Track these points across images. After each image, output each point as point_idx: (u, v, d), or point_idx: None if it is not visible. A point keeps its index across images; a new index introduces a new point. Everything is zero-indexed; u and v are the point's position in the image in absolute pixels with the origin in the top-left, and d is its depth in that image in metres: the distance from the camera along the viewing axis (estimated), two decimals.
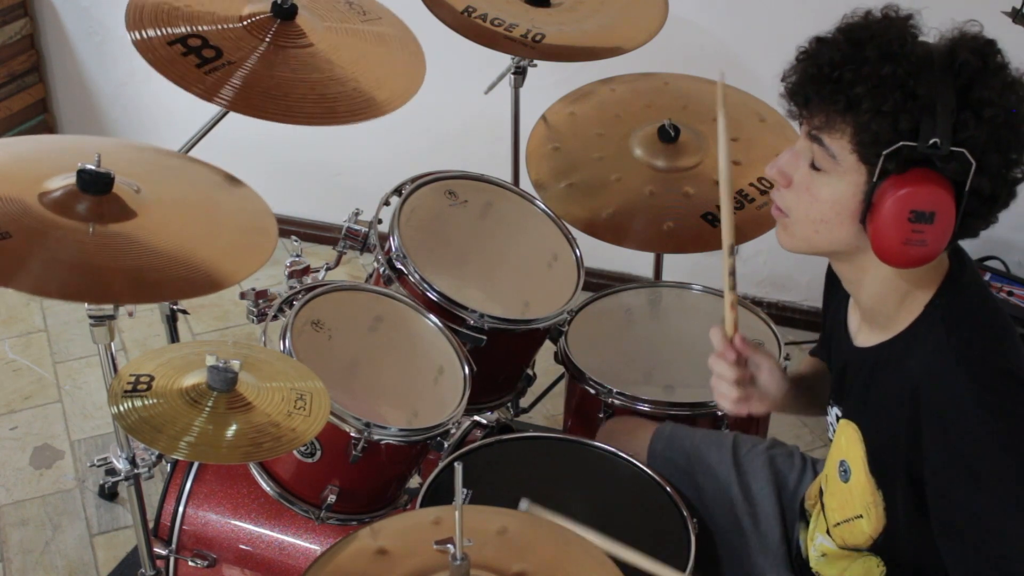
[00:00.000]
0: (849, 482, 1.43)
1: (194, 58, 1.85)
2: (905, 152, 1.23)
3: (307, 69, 1.93)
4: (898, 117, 1.22)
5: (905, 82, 1.22)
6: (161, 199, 1.66)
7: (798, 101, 1.31)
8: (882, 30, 1.26)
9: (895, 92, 1.22)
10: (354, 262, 3.20)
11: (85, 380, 2.91)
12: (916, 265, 1.27)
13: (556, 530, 1.34)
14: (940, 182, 1.23)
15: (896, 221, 1.24)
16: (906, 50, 1.24)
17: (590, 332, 2.16)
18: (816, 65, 1.28)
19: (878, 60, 1.23)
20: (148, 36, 1.85)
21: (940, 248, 1.26)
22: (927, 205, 1.23)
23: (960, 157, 1.22)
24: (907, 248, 1.25)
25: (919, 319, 1.33)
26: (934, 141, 1.21)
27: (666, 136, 2.20)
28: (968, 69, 1.23)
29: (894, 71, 1.22)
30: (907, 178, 1.23)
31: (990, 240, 2.84)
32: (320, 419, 1.53)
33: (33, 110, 3.57)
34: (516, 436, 1.83)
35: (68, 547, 2.42)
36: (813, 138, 1.31)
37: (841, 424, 1.46)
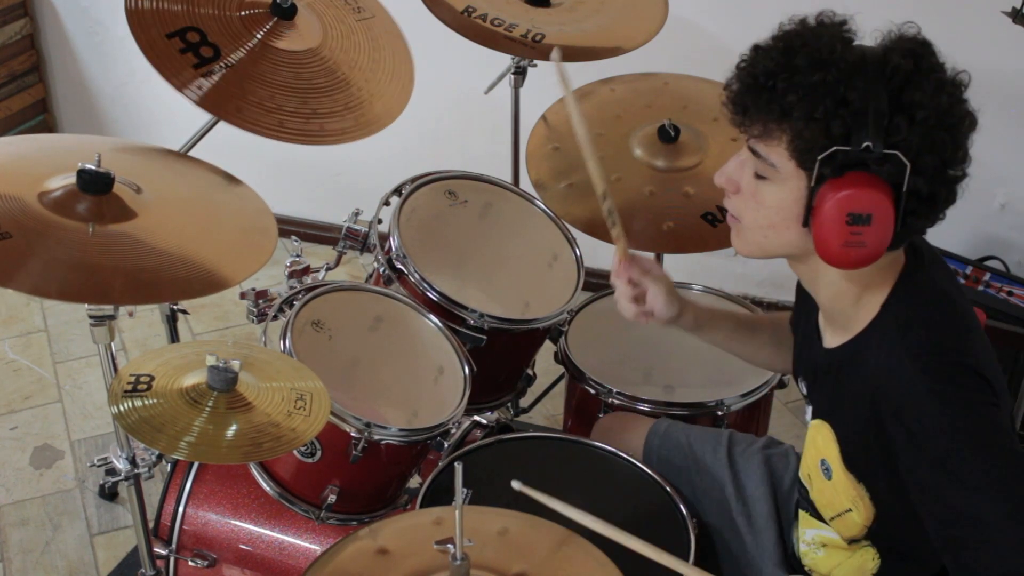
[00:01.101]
0: (832, 479, 1.45)
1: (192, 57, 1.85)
2: (840, 156, 1.25)
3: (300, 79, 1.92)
4: (830, 123, 1.24)
5: (835, 88, 1.24)
6: (161, 199, 1.66)
7: (737, 110, 1.34)
8: (814, 37, 1.28)
9: (826, 99, 1.24)
10: (354, 262, 3.21)
11: (85, 380, 2.91)
12: (858, 266, 1.30)
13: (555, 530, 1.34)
14: (876, 184, 1.25)
15: (834, 224, 1.26)
16: (835, 56, 1.26)
17: (590, 332, 2.16)
18: (752, 75, 1.31)
19: (808, 68, 1.25)
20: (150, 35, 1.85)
21: (880, 249, 1.28)
22: (863, 208, 1.25)
23: (894, 159, 1.24)
24: (847, 250, 1.27)
25: (875, 319, 1.36)
26: (866, 145, 1.23)
27: (666, 136, 2.20)
28: (900, 72, 1.25)
29: (824, 78, 1.25)
30: (843, 182, 1.26)
31: (990, 240, 2.85)
32: (320, 419, 1.53)
33: (33, 110, 3.57)
34: (516, 436, 1.83)
35: (68, 547, 2.42)
36: (752, 151, 1.34)
37: (815, 424, 1.48)
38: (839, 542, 1.50)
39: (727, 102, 1.35)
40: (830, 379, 1.44)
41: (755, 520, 1.70)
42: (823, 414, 1.46)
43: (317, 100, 1.92)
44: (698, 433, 1.84)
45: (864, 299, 1.37)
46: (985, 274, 2.62)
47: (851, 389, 1.38)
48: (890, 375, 1.30)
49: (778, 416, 2.54)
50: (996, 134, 2.66)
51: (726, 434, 1.82)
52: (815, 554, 1.57)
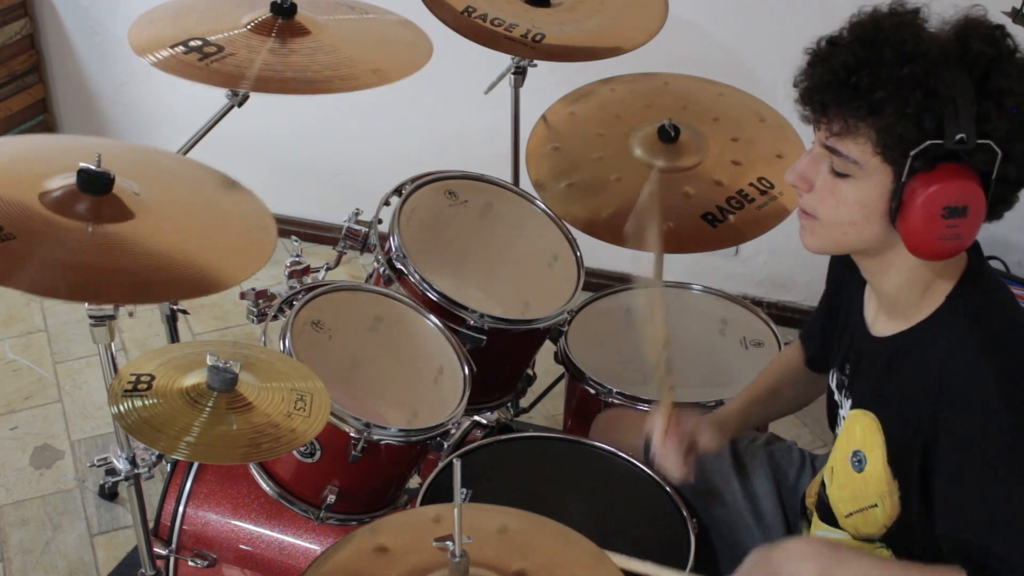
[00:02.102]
0: (864, 471, 1.42)
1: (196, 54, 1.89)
2: (932, 150, 1.22)
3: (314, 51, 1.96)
4: (922, 117, 1.21)
5: (925, 81, 1.21)
6: (160, 200, 1.65)
7: (815, 108, 1.30)
8: (894, 28, 1.24)
9: (916, 92, 1.21)
10: (354, 262, 3.21)
11: (85, 380, 2.91)
12: (950, 256, 1.28)
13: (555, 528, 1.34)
14: (969, 175, 1.23)
15: (930, 218, 1.24)
16: (921, 48, 1.22)
17: (590, 332, 2.16)
18: (831, 70, 1.26)
19: (895, 61, 1.22)
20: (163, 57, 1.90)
21: (972, 238, 1.27)
22: (960, 200, 1.23)
23: (986, 148, 1.21)
24: (942, 243, 1.25)
25: (940, 308, 1.34)
26: (960, 137, 1.20)
27: (666, 136, 2.20)
28: (983, 59, 1.22)
29: (913, 71, 1.21)
30: (936, 175, 1.23)
31: (990, 240, 2.84)
32: (320, 419, 1.53)
33: (33, 110, 3.57)
34: (516, 436, 1.83)
35: (68, 547, 2.42)
36: (830, 149, 1.30)
37: (854, 414, 1.45)
38: (849, 541, 1.49)
39: (800, 100, 1.31)
40: (878, 369, 1.41)
41: (763, 515, 1.69)
42: (867, 403, 1.43)
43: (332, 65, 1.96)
44: None
45: (931, 289, 1.34)
46: None
47: (908, 377, 1.35)
48: (957, 366, 1.28)
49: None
50: None
51: None
52: None
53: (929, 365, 1.32)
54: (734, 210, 2.15)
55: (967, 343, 1.29)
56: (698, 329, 2.21)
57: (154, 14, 2.02)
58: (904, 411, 1.36)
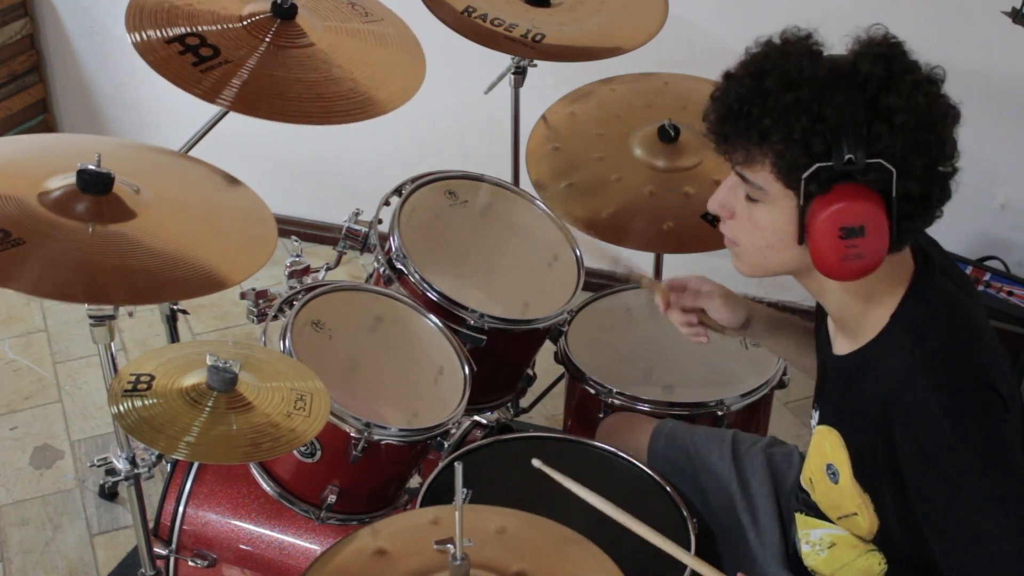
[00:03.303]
0: (839, 484, 1.44)
1: (191, 56, 1.86)
2: (823, 173, 1.25)
3: (305, 69, 1.93)
4: (809, 141, 1.24)
5: (809, 106, 1.24)
6: (160, 199, 1.65)
7: (718, 139, 1.34)
8: (781, 57, 1.28)
9: (801, 118, 1.24)
10: (354, 262, 3.20)
11: (85, 380, 2.91)
12: (860, 277, 1.29)
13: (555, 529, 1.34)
14: (865, 195, 1.25)
15: (828, 239, 1.26)
16: (805, 75, 1.25)
17: (590, 332, 2.16)
18: (726, 104, 1.31)
19: (779, 90, 1.25)
20: (148, 37, 1.85)
21: (879, 257, 1.27)
22: (854, 220, 1.25)
23: (879, 167, 1.23)
24: (846, 263, 1.27)
25: (885, 328, 1.35)
26: (848, 157, 1.23)
27: (666, 136, 2.20)
28: (873, 79, 1.24)
29: (796, 97, 1.24)
30: (832, 196, 1.25)
31: (990, 240, 2.85)
32: (320, 419, 1.53)
33: (33, 110, 3.57)
34: (516, 436, 1.83)
35: (68, 547, 2.42)
36: (739, 175, 1.34)
37: (821, 430, 1.47)
38: (851, 539, 1.50)
39: (707, 132, 1.35)
40: (838, 386, 1.44)
41: (759, 518, 1.69)
42: (831, 420, 1.45)
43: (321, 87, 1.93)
44: (702, 433, 1.84)
45: (872, 307, 1.36)
46: (985, 274, 2.62)
47: (861, 398, 1.37)
48: (902, 387, 1.29)
49: (778, 416, 2.54)
50: (996, 134, 2.68)
51: (730, 434, 1.82)
52: (818, 555, 1.56)
53: (877, 386, 1.33)
54: None
55: (909, 363, 1.30)
56: None
57: None
58: (861, 429, 1.38)
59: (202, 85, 1.83)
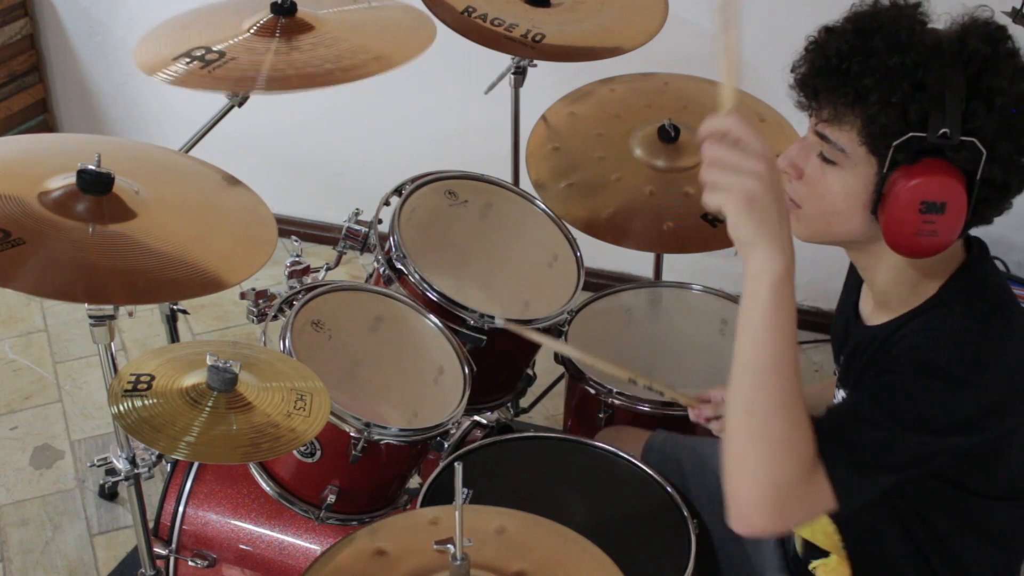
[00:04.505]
0: None
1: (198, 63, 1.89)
2: (915, 143, 1.22)
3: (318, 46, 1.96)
4: (907, 108, 1.21)
5: (913, 72, 1.21)
6: (160, 199, 1.65)
7: (806, 93, 1.30)
8: (890, 20, 1.25)
9: (903, 83, 1.21)
10: (354, 262, 3.20)
11: (85, 380, 2.91)
12: (928, 255, 1.27)
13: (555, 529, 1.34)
14: (951, 172, 1.22)
15: (907, 212, 1.23)
16: (914, 40, 1.23)
17: (590, 332, 2.16)
18: (824, 56, 1.27)
19: (886, 51, 1.22)
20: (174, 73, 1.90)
21: (952, 238, 1.25)
22: (938, 196, 1.22)
23: (971, 146, 1.21)
24: (918, 239, 1.24)
25: (932, 298, 1.33)
26: (943, 131, 1.20)
27: (666, 136, 2.20)
28: (978, 57, 1.22)
29: (902, 61, 1.21)
30: (918, 169, 1.23)
31: (990, 240, 2.84)
32: (320, 419, 1.53)
33: (33, 110, 3.57)
34: (516, 436, 1.83)
35: (68, 547, 2.42)
36: (820, 135, 1.30)
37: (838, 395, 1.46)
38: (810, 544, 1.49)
39: (794, 84, 1.31)
40: (867, 355, 1.41)
41: None
42: (850, 385, 1.44)
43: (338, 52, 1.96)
44: (694, 443, 1.83)
45: (921, 286, 1.34)
46: None
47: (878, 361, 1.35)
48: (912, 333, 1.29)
49: None
50: None
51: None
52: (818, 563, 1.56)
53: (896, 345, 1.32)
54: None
55: (931, 322, 1.29)
56: (698, 329, 2.21)
57: (158, 31, 2.03)
58: None
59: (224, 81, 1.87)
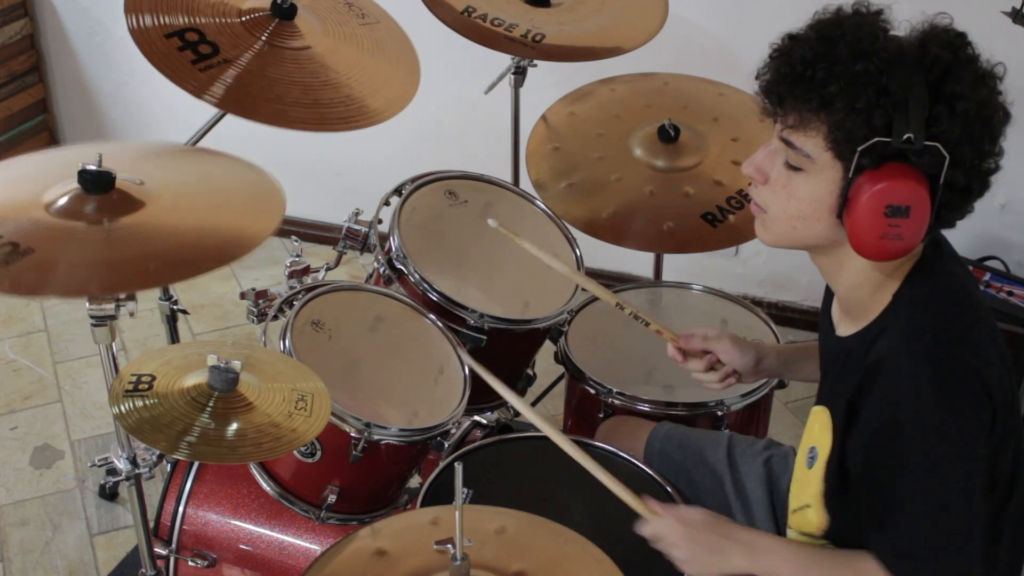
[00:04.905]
0: (812, 469, 1.44)
1: (190, 54, 1.85)
2: (879, 148, 1.24)
3: (302, 72, 1.93)
4: (872, 114, 1.23)
5: (877, 79, 1.23)
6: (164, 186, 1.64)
7: (772, 99, 1.33)
8: (853, 27, 1.27)
9: (868, 89, 1.23)
10: (354, 262, 3.20)
11: (85, 380, 2.91)
12: (893, 258, 1.30)
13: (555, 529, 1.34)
14: (915, 176, 1.24)
15: (872, 216, 1.25)
16: (877, 46, 1.25)
17: (590, 332, 2.16)
18: (789, 64, 1.29)
19: (850, 58, 1.24)
20: (145, 25, 1.85)
21: (916, 241, 1.28)
22: (903, 200, 1.24)
23: (934, 151, 1.23)
24: (884, 242, 1.27)
25: (887, 308, 1.36)
26: (908, 136, 1.22)
27: (666, 136, 2.20)
28: (940, 63, 1.24)
29: (866, 68, 1.23)
30: (882, 173, 1.25)
31: (990, 240, 2.85)
32: (320, 419, 1.53)
33: (33, 110, 3.57)
34: (516, 436, 1.83)
35: (68, 547, 2.42)
36: (785, 141, 1.32)
37: (815, 410, 1.47)
38: (800, 537, 1.50)
39: (760, 91, 1.33)
40: (837, 366, 1.44)
41: (755, 522, 1.69)
42: (825, 400, 1.45)
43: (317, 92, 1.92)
44: (699, 435, 1.84)
45: (881, 289, 1.36)
46: (985, 274, 2.62)
47: (854, 376, 1.37)
48: (887, 357, 1.30)
49: (778, 416, 2.54)
50: None
51: (726, 435, 1.83)
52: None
53: (871, 361, 1.33)
54: (734, 210, 2.15)
55: (904, 338, 1.30)
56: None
57: None
58: (848, 410, 1.38)
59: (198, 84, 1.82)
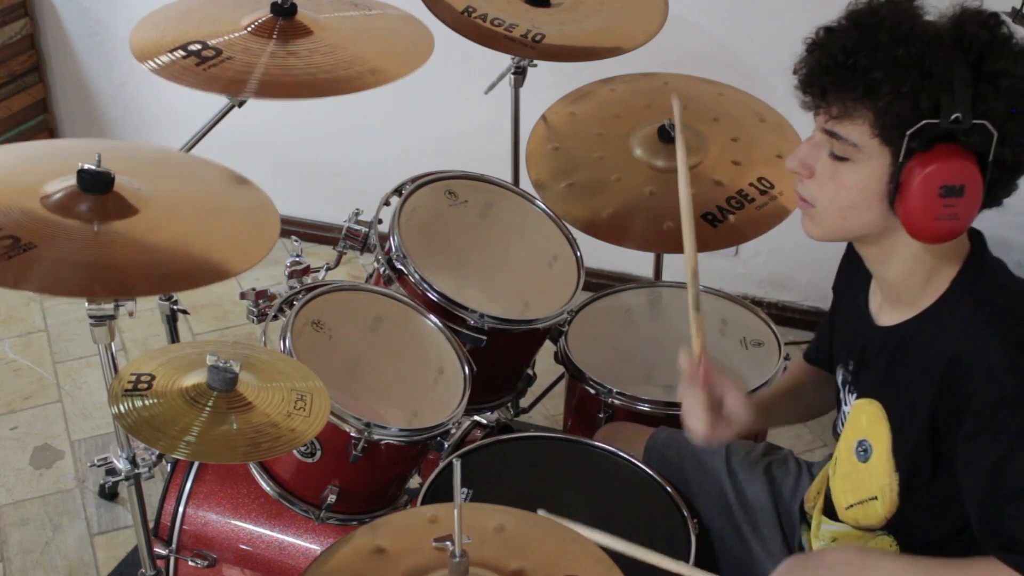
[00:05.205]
0: (868, 462, 1.43)
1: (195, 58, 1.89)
2: (928, 130, 1.24)
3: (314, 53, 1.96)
4: (918, 96, 1.23)
5: (920, 62, 1.23)
6: (161, 194, 1.65)
7: (814, 92, 1.32)
8: (890, 14, 1.27)
9: (912, 72, 1.23)
10: (354, 262, 3.20)
11: (85, 380, 2.91)
12: (949, 239, 1.29)
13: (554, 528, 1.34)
14: (966, 155, 1.25)
15: (927, 198, 1.25)
16: (916, 30, 1.25)
17: (590, 332, 2.16)
18: (829, 55, 1.29)
19: (891, 43, 1.24)
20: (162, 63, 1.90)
21: (970, 220, 1.28)
22: (957, 179, 1.24)
23: (982, 129, 1.23)
24: (939, 223, 1.26)
25: (946, 294, 1.35)
26: (956, 116, 1.22)
27: (666, 136, 2.20)
28: (978, 43, 1.24)
29: (908, 52, 1.23)
30: (933, 155, 1.25)
31: (990, 240, 2.84)
32: (320, 419, 1.53)
33: (33, 110, 3.57)
34: (516, 436, 1.83)
35: (68, 547, 2.42)
36: (830, 133, 1.31)
37: (859, 404, 1.45)
38: (852, 532, 1.49)
39: (800, 86, 1.33)
40: (885, 357, 1.42)
41: (760, 527, 1.69)
42: (873, 393, 1.44)
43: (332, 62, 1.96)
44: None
45: (935, 276, 1.36)
46: None
47: (915, 365, 1.36)
48: (969, 345, 1.29)
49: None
50: None
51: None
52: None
53: (941, 350, 1.32)
54: (734, 210, 2.15)
55: (976, 323, 1.30)
56: None
57: (155, 18, 2.02)
58: (912, 398, 1.36)
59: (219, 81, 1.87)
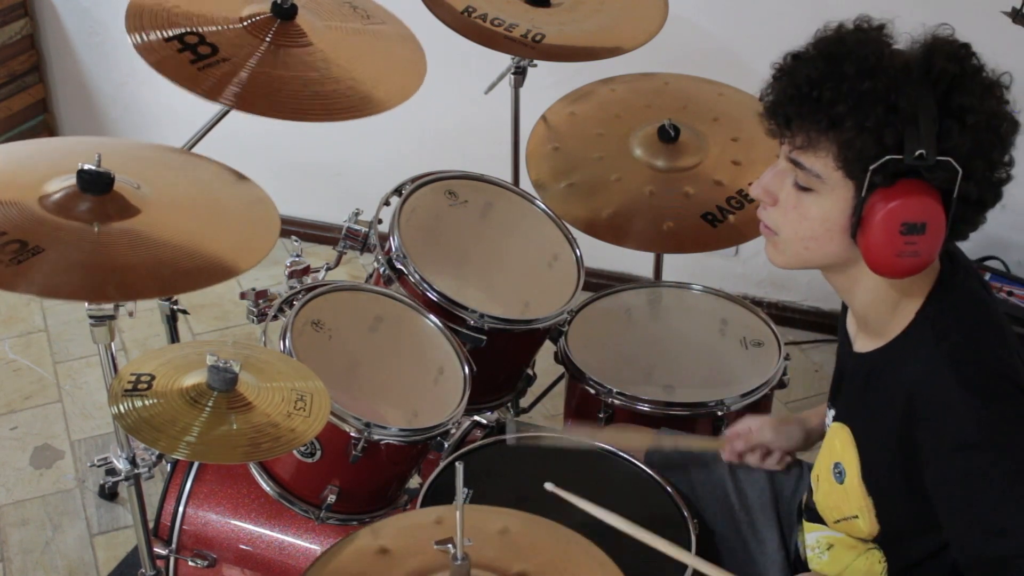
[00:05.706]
0: (844, 484, 1.43)
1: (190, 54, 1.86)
2: (891, 165, 1.22)
3: (305, 68, 1.93)
4: (882, 132, 1.22)
5: (886, 96, 1.22)
6: (161, 194, 1.65)
7: (779, 121, 1.31)
8: (857, 44, 1.25)
9: (877, 107, 1.22)
10: (354, 262, 3.20)
11: (85, 380, 2.91)
12: (910, 275, 1.28)
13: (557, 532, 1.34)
14: (929, 192, 1.23)
15: (888, 234, 1.24)
16: (883, 63, 1.23)
17: (590, 332, 2.16)
18: (794, 84, 1.27)
19: (857, 76, 1.23)
20: (148, 38, 1.86)
21: (932, 256, 1.26)
22: (918, 216, 1.23)
23: (946, 165, 1.22)
24: (901, 260, 1.25)
25: (911, 325, 1.34)
26: (920, 152, 1.21)
27: (666, 136, 2.20)
28: (946, 76, 1.23)
29: (874, 86, 1.22)
30: (896, 191, 1.23)
31: (990, 240, 2.85)
32: (320, 419, 1.53)
33: (33, 110, 3.57)
34: (516, 436, 1.83)
35: (68, 547, 2.42)
36: (793, 162, 1.31)
37: (834, 427, 1.46)
38: (847, 540, 1.50)
39: (765, 113, 1.32)
40: (857, 384, 1.42)
41: (758, 527, 1.69)
42: (845, 418, 1.44)
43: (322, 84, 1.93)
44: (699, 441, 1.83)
45: (900, 306, 1.34)
46: (985, 274, 2.62)
47: (881, 395, 1.35)
48: (927, 383, 1.28)
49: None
50: None
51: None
52: (820, 559, 1.56)
53: (900, 384, 1.31)
54: (734, 210, 2.15)
55: (935, 359, 1.28)
56: (698, 329, 2.21)
57: None
58: (877, 428, 1.36)
59: (203, 84, 1.83)
